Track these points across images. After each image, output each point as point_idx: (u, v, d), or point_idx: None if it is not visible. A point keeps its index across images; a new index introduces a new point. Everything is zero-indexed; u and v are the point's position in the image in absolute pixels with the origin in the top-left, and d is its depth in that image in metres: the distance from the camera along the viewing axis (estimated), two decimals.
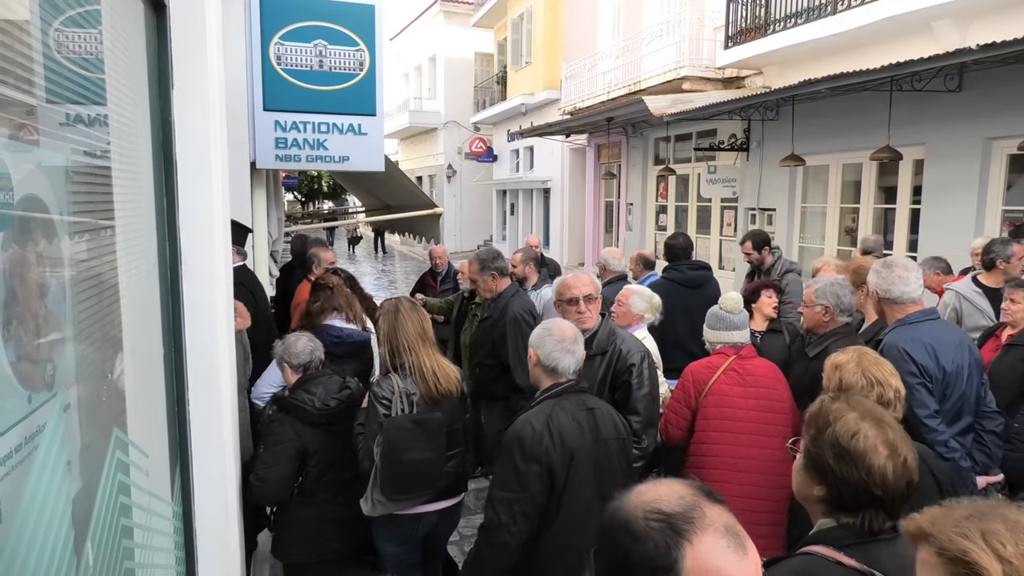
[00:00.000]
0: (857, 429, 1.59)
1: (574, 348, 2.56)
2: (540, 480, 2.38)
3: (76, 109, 1.58)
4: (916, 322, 2.90)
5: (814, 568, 1.49)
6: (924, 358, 2.76)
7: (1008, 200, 7.25)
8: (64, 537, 1.16)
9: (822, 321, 3.38)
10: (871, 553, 1.50)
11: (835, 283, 3.40)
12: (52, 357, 1.26)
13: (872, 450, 1.56)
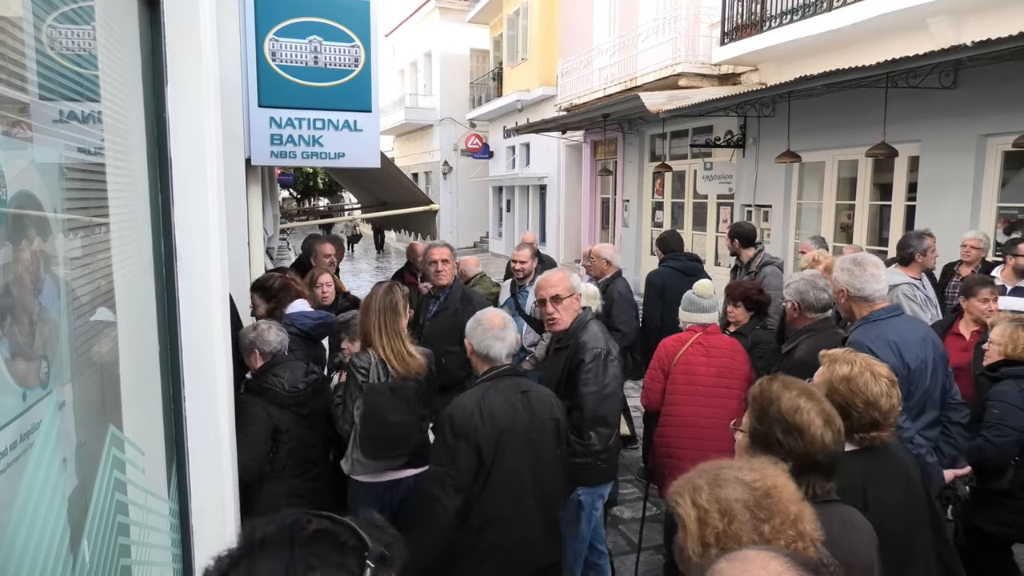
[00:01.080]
0: (799, 405, 1.77)
1: (503, 335, 2.75)
2: (468, 455, 2.55)
3: (70, 106, 1.57)
4: (880, 319, 2.93)
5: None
6: (888, 355, 2.75)
7: (1003, 197, 7.27)
8: (60, 535, 1.16)
9: (793, 317, 3.51)
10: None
11: (803, 280, 3.47)
12: (47, 354, 1.26)
13: (812, 422, 1.75)
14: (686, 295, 4.01)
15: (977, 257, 5.51)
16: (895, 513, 2.04)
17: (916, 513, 2.10)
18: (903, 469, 2.16)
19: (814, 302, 3.39)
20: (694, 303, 3.92)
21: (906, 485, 2.13)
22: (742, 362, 3.80)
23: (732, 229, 5.97)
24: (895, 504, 2.06)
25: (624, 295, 5.20)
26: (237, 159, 4.18)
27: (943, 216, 7.43)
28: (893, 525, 2.02)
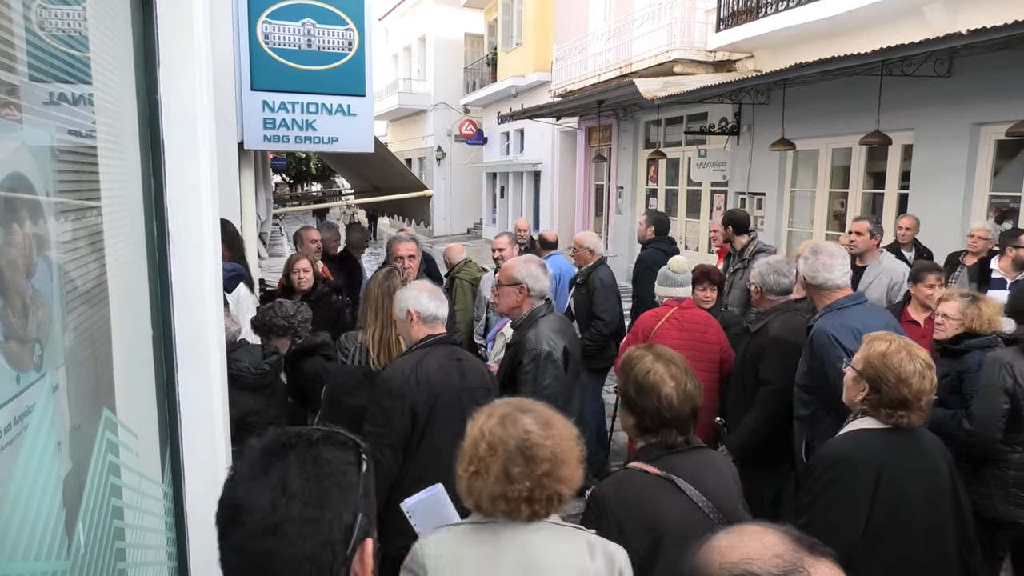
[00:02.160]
0: (650, 368, 2.02)
1: (440, 298, 2.91)
2: (403, 416, 2.63)
3: (61, 88, 1.56)
4: (843, 307, 2.98)
5: (630, 477, 1.99)
6: (852, 343, 2.80)
7: (995, 186, 7.29)
8: (55, 518, 1.16)
9: (756, 299, 3.70)
10: (670, 463, 1.97)
11: (765, 265, 3.63)
12: (40, 337, 1.25)
13: (661, 382, 1.98)
14: (661, 271, 4.26)
15: (984, 248, 5.52)
16: (913, 501, 2.07)
17: (939, 507, 2.11)
18: (930, 460, 2.16)
19: (774, 286, 3.53)
20: (669, 278, 4.15)
21: (931, 478, 2.14)
22: (715, 335, 4.00)
23: (726, 216, 5.97)
24: (914, 492, 2.09)
25: (606, 283, 5.14)
26: (230, 143, 4.15)
27: (936, 205, 7.46)
28: (908, 513, 2.06)
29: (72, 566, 1.22)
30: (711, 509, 1.93)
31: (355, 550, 0.94)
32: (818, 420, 2.98)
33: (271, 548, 0.89)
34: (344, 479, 0.95)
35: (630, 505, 1.90)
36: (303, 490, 0.91)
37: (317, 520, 0.90)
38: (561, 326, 3.25)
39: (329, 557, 0.91)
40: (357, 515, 0.94)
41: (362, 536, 0.95)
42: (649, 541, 1.85)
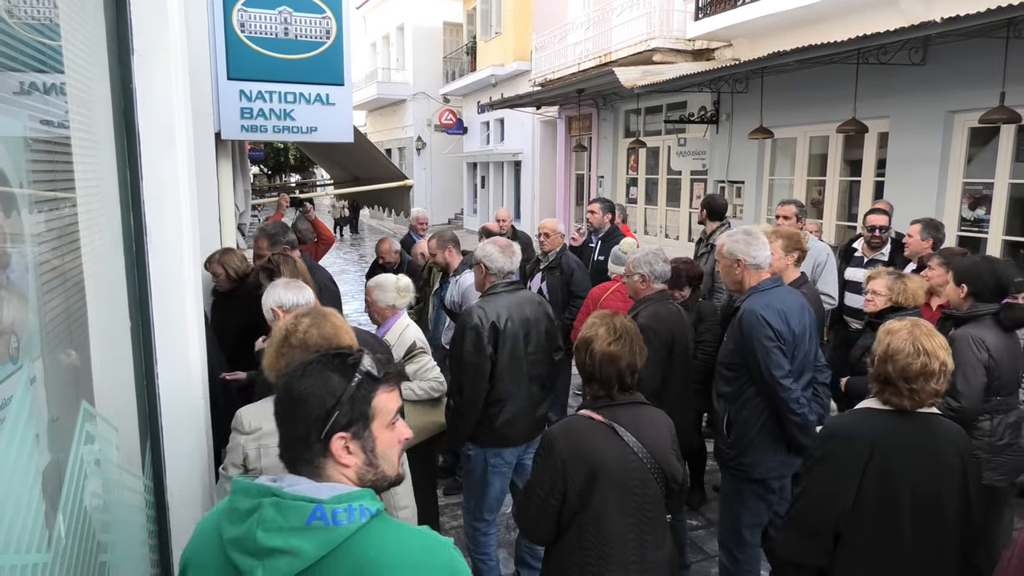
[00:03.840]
0: (591, 333, 2.33)
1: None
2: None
3: (32, 77, 1.53)
4: (767, 289, 3.12)
5: (577, 421, 2.29)
6: (778, 323, 2.99)
7: (969, 173, 7.40)
8: (35, 510, 1.15)
9: (640, 289, 3.76)
10: (613, 412, 2.27)
11: (650, 253, 3.78)
12: (16, 329, 1.24)
13: (599, 345, 2.29)
14: (613, 251, 4.84)
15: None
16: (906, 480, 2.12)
17: (937, 491, 2.14)
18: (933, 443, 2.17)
19: (661, 274, 3.72)
20: (618, 258, 4.60)
21: (931, 461, 2.15)
22: None
23: (705, 200, 6.07)
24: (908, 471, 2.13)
25: (580, 264, 5.60)
26: (206, 133, 4.10)
27: (911, 192, 7.56)
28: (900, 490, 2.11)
29: (53, 559, 1.21)
30: (645, 455, 2.23)
31: (331, 432, 1.27)
32: (741, 395, 3.12)
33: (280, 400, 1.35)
34: (332, 381, 1.30)
35: (574, 445, 2.20)
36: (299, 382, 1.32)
37: (301, 399, 1.29)
38: (517, 303, 3.40)
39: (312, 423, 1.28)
40: (332, 408, 1.28)
41: (340, 426, 1.28)
42: (587, 476, 2.17)
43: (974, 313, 3.34)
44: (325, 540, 1.20)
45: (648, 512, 2.24)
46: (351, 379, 1.30)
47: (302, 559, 1.18)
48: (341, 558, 1.19)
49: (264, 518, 1.21)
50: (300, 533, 1.20)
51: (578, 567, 2.20)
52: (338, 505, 1.22)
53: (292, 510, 1.20)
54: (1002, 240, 7.00)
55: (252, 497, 1.23)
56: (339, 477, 1.29)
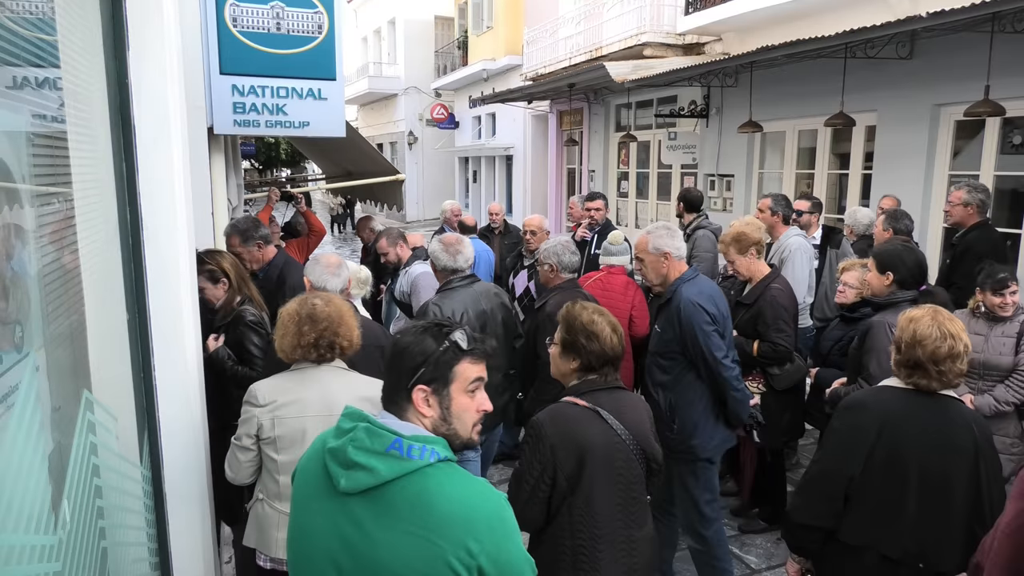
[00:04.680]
0: (593, 318, 2.42)
1: (339, 272, 3.25)
2: None
3: (29, 72, 1.55)
4: (692, 278, 3.30)
5: (563, 408, 2.35)
6: (712, 307, 3.20)
7: (954, 166, 7.48)
8: (42, 494, 1.19)
9: (550, 278, 3.99)
10: (596, 398, 2.35)
11: (558, 245, 3.97)
12: (20, 319, 1.27)
13: (602, 331, 2.39)
14: (604, 244, 4.97)
15: None
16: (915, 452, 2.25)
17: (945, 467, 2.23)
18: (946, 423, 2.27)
19: (568, 264, 3.93)
20: (607, 249, 4.79)
21: (943, 437, 2.24)
22: (626, 301, 4.35)
23: (682, 192, 6.27)
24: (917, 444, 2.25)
25: None
26: (199, 127, 4.11)
27: (898, 185, 7.63)
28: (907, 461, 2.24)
29: (59, 542, 1.24)
30: (628, 437, 2.33)
31: (415, 384, 1.54)
32: (681, 381, 3.27)
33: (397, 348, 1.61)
34: (426, 343, 1.57)
35: (562, 431, 2.27)
36: (404, 338, 1.60)
37: (402, 351, 1.57)
38: (473, 297, 3.59)
39: (404, 373, 1.55)
40: (420, 364, 1.54)
41: (423, 380, 1.54)
42: (576, 460, 2.25)
43: (893, 300, 3.43)
44: (397, 467, 1.45)
45: (633, 492, 2.35)
46: (441, 344, 1.56)
47: (376, 477, 1.45)
48: (407, 484, 1.45)
49: (356, 437, 1.48)
50: (379, 456, 1.46)
51: (570, 550, 2.26)
52: (414, 442, 1.47)
53: (378, 436, 1.48)
54: None
55: (353, 420, 1.53)
56: (418, 423, 1.55)
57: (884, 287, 3.46)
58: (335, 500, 1.49)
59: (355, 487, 1.46)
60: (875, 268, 3.51)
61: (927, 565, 2.24)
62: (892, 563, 2.26)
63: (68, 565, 1.26)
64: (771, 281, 3.83)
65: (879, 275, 3.48)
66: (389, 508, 1.44)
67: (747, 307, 3.83)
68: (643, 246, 3.39)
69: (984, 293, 3.65)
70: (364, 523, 1.45)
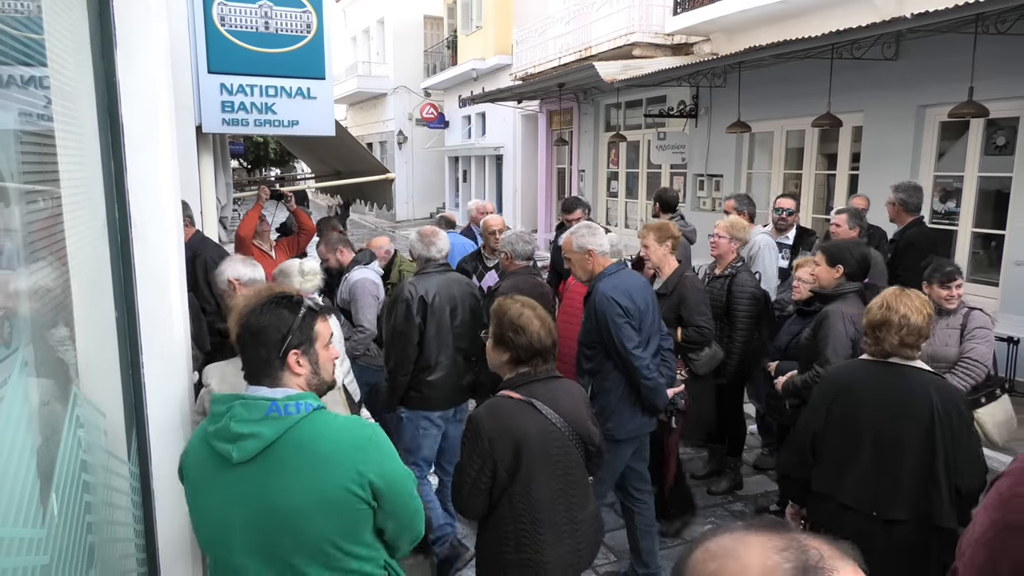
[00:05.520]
0: (521, 312, 2.48)
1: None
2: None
3: (14, 70, 1.56)
4: (613, 273, 3.50)
5: (498, 402, 2.44)
6: (626, 301, 3.38)
7: (940, 167, 7.56)
8: (30, 487, 1.20)
9: (507, 265, 4.33)
10: (530, 389, 2.44)
11: (514, 235, 4.30)
12: (8, 316, 1.28)
13: (529, 324, 2.45)
14: None
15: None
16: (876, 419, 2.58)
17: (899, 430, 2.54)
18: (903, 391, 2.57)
19: (521, 252, 4.23)
20: None
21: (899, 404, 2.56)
22: None
23: (658, 193, 6.40)
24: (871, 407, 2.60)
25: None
26: (188, 126, 4.11)
27: (885, 185, 7.68)
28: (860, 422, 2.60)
29: (47, 535, 1.25)
30: (564, 424, 2.43)
31: (287, 350, 1.75)
32: (601, 369, 3.46)
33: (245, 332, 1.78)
34: (283, 316, 1.77)
35: (499, 424, 2.36)
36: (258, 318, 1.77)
37: (262, 330, 1.76)
38: (446, 282, 3.83)
39: (272, 345, 1.74)
40: (286, 334, 1.75)
41: (294, 346, 1.76)
42: (513, 452, 2.34)
43: (841, 291, 3.63)
44: (279, 425, 1.66)
45: (571, 476, 2.46)
46: (298, 312, 1.78)
47: (262, 440, 1.65)
48: (291, 437, 1.67)
49: (235, 413, 1.67)
50: (261, 422, 1.66)
51: (513, 535, 2.38)
52: (288, 401, 1.69)
53: (254, 406, 1.68)
54: (971, 232, 7.18)
55: (225, 403, 1.70)
56: (293, 384, 1.76)
57: (833, 280, 3.66)
58: (230, 473, 1.67)
59: (246, 455, 1.65)
60: (825, 262, 3.70)
61: (879, 513, 2.54)
62: (849, 510, 2.59)
63: (56, 558, 1.27)
64: (684, 271, 4.13)
65: (829, 268, 3.68)
66: (283, 462, 1.66)
67: (665, 296, 4.04)
68: (569, 246, 3.60)
69: (931, 286, 3.84)
70: (264, 483, 1.65)
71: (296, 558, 1.68)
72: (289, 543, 1.67)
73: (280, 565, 1.69)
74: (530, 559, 2.38)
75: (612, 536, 4.27)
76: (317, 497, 1.65)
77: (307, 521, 1.66)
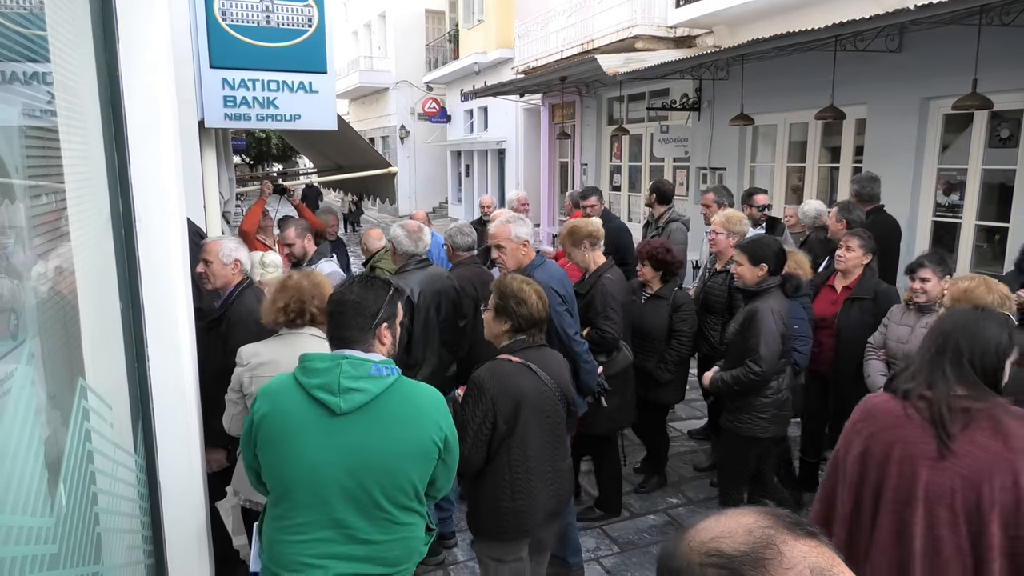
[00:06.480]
0: (522, 287, 2.79)
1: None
2: None
3: (17, 66, 1.57)
4: (541, 265, 3.67)
5: (499, 364, 2.73)
6: (562, 290, 3.58)
7: (943, 159, 7.54)
8: (39, 478, 1.21)
9: (451, 254, 4.53)
10: (526, 355, 2.75)
11: (454, 228, 4.51)
12: (15, 307, 1.29)
13: (530, 298, 2.77)
14: None
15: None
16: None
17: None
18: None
19: (460, 244, 4.42)
20: None
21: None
22: None
23: (653, 185, 6.39)
24: None
25: None
26: (190, 121, 4.12)
27: (887, 178, 7.67)
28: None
29: (55, 525, 1.27)
30: (553, 385, 2.76)
31: (379, 323, 2.04)
32: None
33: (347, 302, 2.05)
34: (379, 293, 2.06)
35: (500, 383, 2.66)
36: (360, 291, 2.06)
37: (362, 302, 2.04)
38: (428, 278, 3.87)
39: (369, 316, 2.03)
40: (379, 309, 2.04)
41: (383, 320, 2.05)
42: (513, 407, 2.65)
43: (765, 286, 3.72)
44: (380, 384, 1.97)
45: (558, 431, 2.82)
46: (388, 290, 2.08)
47: (368, 394, 1.95)
48: (391, 393, 1.98)
49: (343, 370, 1.94)
50: (366, 379, 1.95)
51: (509, 484, 2.68)
52: (384, 366, 1.99)
53: (361, 365, 1.97)
54: (975, 225, 7.16)
55: (327, 361, 1.98)
56: (379, 351, 2.05)
57: (757, 277, 3.74)
58: (331, 422, 1.94)
59: (353, 406, 1.93)
60: (748, 261, 3.77)
61: None
62: None
63: (64, 548, 1.28)
64: (604, 271, 4.10)
65: (752, 267, 3.75)
66: (382, 413, 1.95)
67: (582, 296, 4.06)
68: (505, 235, 3.73)
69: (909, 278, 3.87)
70: (366, 430, 1.94)
71: (382, 498, 1.96)
72: (381, 484, 1.95)
73: (367, 504, 1.96)
74: (525, 506, 2.69)
75: (614, 528, 4.29)
76: (412, 446, 1.97)
77: (401, 465, 1.97)
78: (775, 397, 3.74)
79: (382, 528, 1.99)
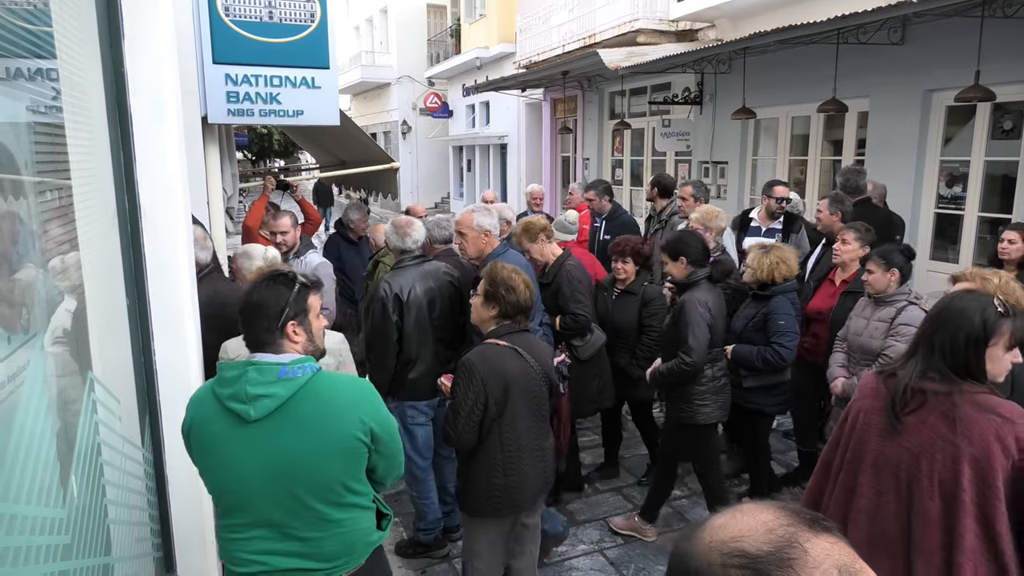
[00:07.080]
0: (511, 275, 2.90)
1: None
2: None
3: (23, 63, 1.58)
4: (503, 253, 3.77)
5: (487, 347, 2.85)
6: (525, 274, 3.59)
7: (946, 152, 7.53)
8: (51, 469, 1.23)
9: (430, 248, 4.50)
10: (513, 340, 2.87)
11: (431, 221, 4.57)
12: (26, 302, 1.31)
13: (519, 286, 2.88)
14: (557, 220, 5.29)
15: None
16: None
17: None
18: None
19: (438, 237, 4.48)
20: (563, 227, 5.16)
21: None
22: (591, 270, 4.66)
23: (654, 179, 6.38)
24: None
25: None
26: (193, 117, 4.13)
27: (890, 171, 7.68)
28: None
29: (68, 515, 1.29)
30: (538, 368, 2.88)
31: (285, 322, 1.97)
32: None
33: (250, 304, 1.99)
34: (280, 292, 1.98)
35: (490, 366, 2.77)
36: (261, 293, 1.99)
37: (263, 303, 1.97)
38: (422, 275, 3.86)
39: (272, 317, 1.96)
40: (283, 308, 1.97)
41: (289, 318, 1.98)
42: (503, 388, 2.77)
43: (695, 278, 3.82)
44: (291, 386, 1.92)
45: (542, 411, 2.97)
46: (293, 288, 2.00)
47: (277, 399, 1.90)
48: (303, 395, 1.93)
49: (249, 378, 1.89)
50: (274, 383, 1.90)
51: (501, 462, 2.82)
52: (295, 365, 1.94)
53: (267, 370, 1.91)
54: (977, 217, 7.15)
55: (237, 369, 1.93)
56: (292, 350, 1.99)
57: (684, 271, 3.85)
58: (245, 430, 1.91)
59: (264, 412, 1.89)
60: (669, 259, 3.88)
61: None
62: None
63: (76, 538, 1.30)
64: (565, 260, 4.24)
65: (674, 263, 3.85)
66: (295, 415, 1.92)
67: (546, 286, 4.17)
68: (468, 223, 3.82)
69: None
70: (280, 435, 1.91)
71: (308, 497, 1.94)
72: (303, 485, 1.93)
73: (293, 504, 1.94)
74: (516, 482, 2.84)
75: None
76: (329, 444, 1.94)
77: (321, 464, 1.94)
78: (711, 384, 3.85)
79: (314, 526, 1.97)
